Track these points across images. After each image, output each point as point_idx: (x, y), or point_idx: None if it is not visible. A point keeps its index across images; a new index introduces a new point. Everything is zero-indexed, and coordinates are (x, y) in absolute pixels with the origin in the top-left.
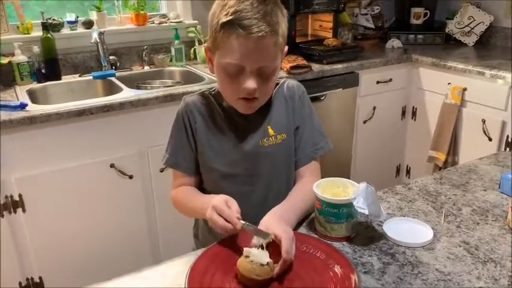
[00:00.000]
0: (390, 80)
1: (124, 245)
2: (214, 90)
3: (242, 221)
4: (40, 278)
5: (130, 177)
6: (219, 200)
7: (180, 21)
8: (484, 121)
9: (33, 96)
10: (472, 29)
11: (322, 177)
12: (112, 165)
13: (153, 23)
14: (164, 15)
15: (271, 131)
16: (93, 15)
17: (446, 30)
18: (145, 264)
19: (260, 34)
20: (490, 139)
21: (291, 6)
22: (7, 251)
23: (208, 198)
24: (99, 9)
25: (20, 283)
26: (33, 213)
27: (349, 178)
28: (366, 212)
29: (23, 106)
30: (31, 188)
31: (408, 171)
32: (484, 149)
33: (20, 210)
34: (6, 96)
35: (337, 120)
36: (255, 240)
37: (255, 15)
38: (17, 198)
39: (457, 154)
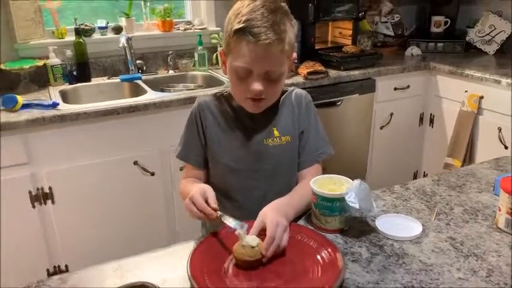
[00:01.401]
0: (408, 86)
1: (144, 236)
2: (226, 92)
3: (219, 212)
4: (66, 266)
5: (152, 174)
6: (196, 190)
7: (204, 28)
8: (500, 129)
9: (65, 96)
10: (493, 37)
11: None
12: (135, 163)
13: (179, 29)
14: (189, 22)
15: (276, 133)
16: (122, 22)
17: (467, 38)
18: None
19: (267, 41)
20: (506, 147)
21: (311, 14)
22: (37, 240)
23: (193, 187)
24: (128, 16)
25: (47, 270)
26: (61, 205)
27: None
28: (357, 206)
29: (54, 105)
30: (60, 181)
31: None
32: None
33: (49, 202)
34: (40, 96)
35: (354, 125)
36: (239, 230)
37: (264, 24)
38: (47, 190)
39: (473, 161)
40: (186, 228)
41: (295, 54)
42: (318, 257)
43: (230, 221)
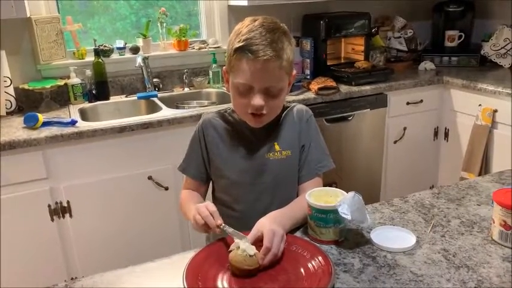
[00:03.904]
0: (421, 101)
1: (158, 249)
2: (230, 109)
3: (223, 224)
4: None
5: (166, 188)
6: (202, 203)
7: (218, 47)
8: None
9: (84, 114)
10: (508, 51)
11: None
12: (149, 177)
13: (194, 48)
14: (204, 41)
15: (277, 147)
16: (140, 42)
17: (482, 52)
18: None
19: (265, 58)
20: None
21: (322, 31)
22: (55, 252)
23: (195, 204)
24: (145, 37)
25: (65, 282)
26: (79, 218)
27: (379, 198)
28: (349, 217)
29: (73, 123)
30: (78, 195)
31: None
32: None
33: (67, 215)
34: (60, 114)
35: (366, 139)
36: (236, 239)
37: (262, 42)
38: (65, 204)
39: None
40: (200, 241)
41: (295, 72)
42: (310, 265)
43: (231, 232)
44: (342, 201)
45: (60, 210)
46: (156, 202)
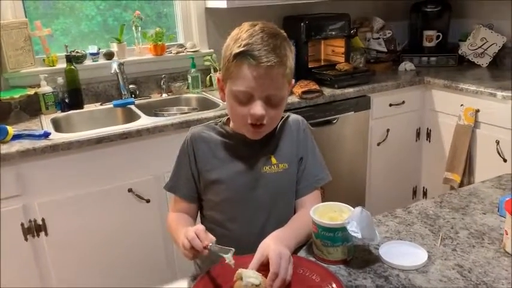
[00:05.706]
0: (403, 102)
1: (142, 266)
2: (220, 121)
3: (210, 244)
4: None
5: (148, 201)
6: (191, 227)
7: (196, 51)
8: (498, 142)
9: (57, 124)
10: (485, 50)
11: (331, 201)
12: (130, 190)
13: (171, 52)
14: (181, 45)
15: (273, 160)
16: (114, 47)
17: (459, 52)
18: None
19: (269, 64)
20: (505, 160)
21: (303, 33)
22: (30, 274)
23: (184, 229)
24: (119, 41)
25: None
26: (55, 236)
27: (364, 200)
28: (359, 235)
29: (46, 135)
30: (53, 212)
31: (425, 193)
32: (499, 170)
33: (42, 233)
34: (31, 126)
35: (351, 142)
36: (226, 256)
37: (265, 48)
38: (40, 222)
39: (473, 175)
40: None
41: (293, 81)
42: None
43: (217, 250)
44: (350, 218)
45: (34, 229)
46: (137, 216)
